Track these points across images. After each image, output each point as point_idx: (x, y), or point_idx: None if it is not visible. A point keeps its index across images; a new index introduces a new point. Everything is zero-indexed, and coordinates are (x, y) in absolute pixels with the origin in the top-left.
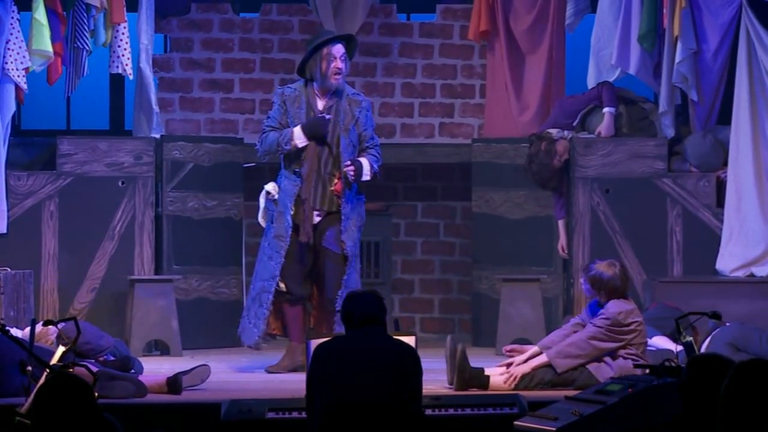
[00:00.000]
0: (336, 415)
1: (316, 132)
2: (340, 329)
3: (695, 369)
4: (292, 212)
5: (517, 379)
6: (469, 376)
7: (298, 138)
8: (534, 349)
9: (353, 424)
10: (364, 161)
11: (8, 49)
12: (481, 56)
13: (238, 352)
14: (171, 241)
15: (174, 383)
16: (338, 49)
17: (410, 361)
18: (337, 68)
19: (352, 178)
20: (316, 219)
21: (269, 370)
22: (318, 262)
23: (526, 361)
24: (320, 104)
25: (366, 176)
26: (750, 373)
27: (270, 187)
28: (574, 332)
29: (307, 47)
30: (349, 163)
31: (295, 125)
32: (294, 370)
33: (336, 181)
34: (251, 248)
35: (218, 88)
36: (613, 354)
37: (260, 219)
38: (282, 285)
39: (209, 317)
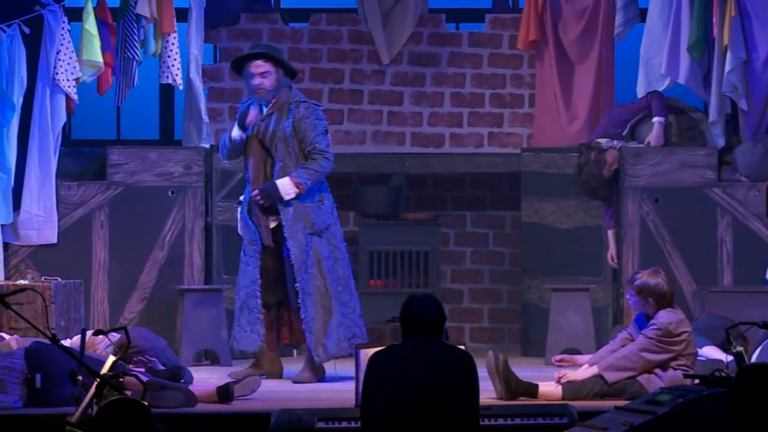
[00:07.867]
0: (390, 424)
1: (241, 120)
2: (310, 337)
3: (745, 379)
4: (252, 218)
5: (567, 379)
6: (515, 385)
7: (233, 129)
8: (584, 367)
9: None
10: (282, 181)
11: (59, 59)
12: (530, 66)
13: (288, 362)
14: (221, 251)
15: (224, 392)
16: (257, 65)
17: (466, 369)
18: (256, 85)
19: (261, 202)
20: (273, 224)
21: (233, 376)
22: (280, 271)
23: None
24: (265, 110)
25: (288, 195)
26: None
27: (243, 197)
28: (623, 347)
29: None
30: (256, 192)
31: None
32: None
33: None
34: None
35: None
36: (663, 365)
37: (239, 230)
38: None
39: None
